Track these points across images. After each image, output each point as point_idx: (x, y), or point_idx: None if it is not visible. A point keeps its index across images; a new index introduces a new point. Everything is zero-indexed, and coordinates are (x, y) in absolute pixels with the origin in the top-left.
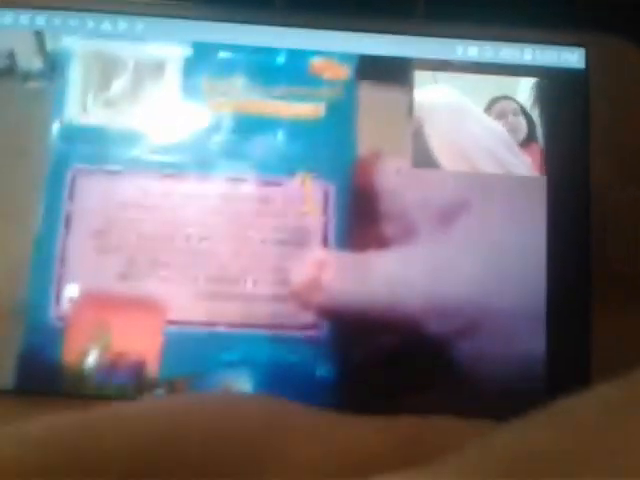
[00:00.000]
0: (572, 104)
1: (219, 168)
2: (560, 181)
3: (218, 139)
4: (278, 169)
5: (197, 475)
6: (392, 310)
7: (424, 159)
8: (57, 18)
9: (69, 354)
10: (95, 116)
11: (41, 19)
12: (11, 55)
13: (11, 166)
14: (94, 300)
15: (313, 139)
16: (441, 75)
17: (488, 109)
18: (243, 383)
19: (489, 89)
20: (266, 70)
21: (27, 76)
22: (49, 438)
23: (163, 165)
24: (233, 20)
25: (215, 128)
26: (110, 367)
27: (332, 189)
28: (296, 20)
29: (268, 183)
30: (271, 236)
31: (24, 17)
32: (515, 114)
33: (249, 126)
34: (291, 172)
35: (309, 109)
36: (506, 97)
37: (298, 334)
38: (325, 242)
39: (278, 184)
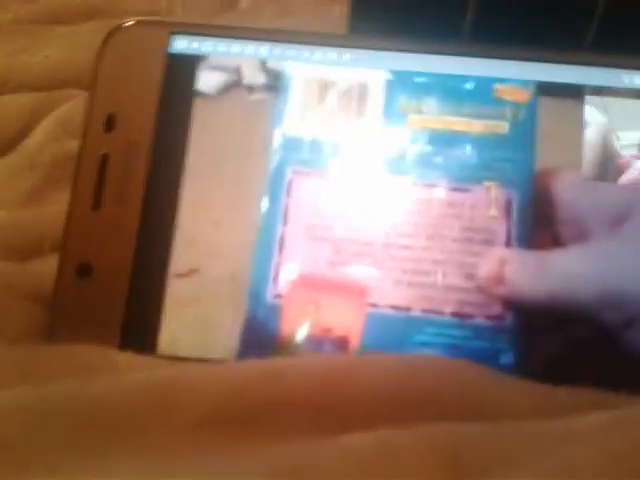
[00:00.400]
0: None
1: (416, 176)
2: None
3: (415, 151)
4: (467, 178)
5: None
6: (569, 302)
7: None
8: (278, 48)
9: (284, 328)
10: (310, 127)
11: (265, 50)
12: (238, 70)
13: (239, 164)
14: (306, 282)
15: (498, 152)
16: (608, 100)
17: None
18: None
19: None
20: (456, 93)
21: (251, 89)
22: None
23: (367, 171)
24: (426, 51)
25: (412, 141)
26: (318, 340)
27: (515, 196)
28: (479, 51)
29: (458, 189)
30: (460, 235)
31: (250, 47)
32: None
33: (442, 140)
34: (479, 181)
35: (494, 126)
36: None
37: (484, 322)
38: (508, 242)
39: (467, 190)
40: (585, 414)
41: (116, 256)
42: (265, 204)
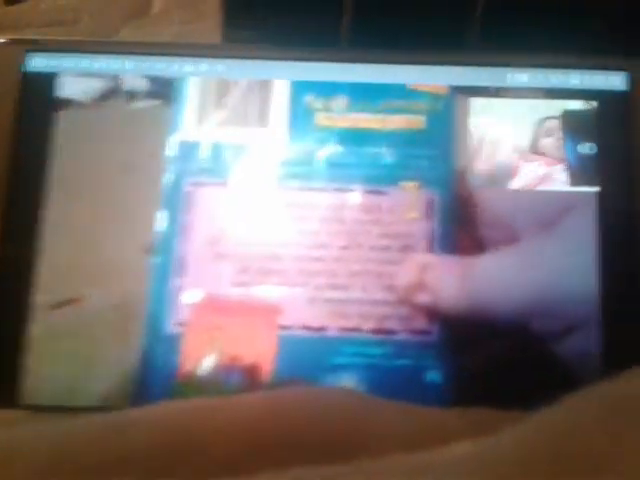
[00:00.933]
0: (617, 124)
1: (326, 180)
2: (609, 195)
3: (325, 153)
4: (383, 179)
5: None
6: (496, 311)
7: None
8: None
9: (188, 360)
10: (209, 134)
11: (118, 63)
12: (115, 78)
13: (121, 179)
14: (211, 306)
15: (415, 150)
16: (494, 101)
17: (538, 128)
18: (353, 386)
19: (539, 111)
20: (367, 89)
21: (131, 97)
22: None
23: (273, 178)
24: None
25: (322, 143)
26: (226, 370)
27: (436, 197)
28: (359, 56)
29: (374, 192)
30: (379, 243)
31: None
32: (564, 131)
33: (353, 140)
34: (395, 182)
35: (409, 121)
36: (555, 117)
37: (408, 338)
38: (430, 248)
39: (383, 193)
40: (462, 441)
41: None
42: (160, 221)
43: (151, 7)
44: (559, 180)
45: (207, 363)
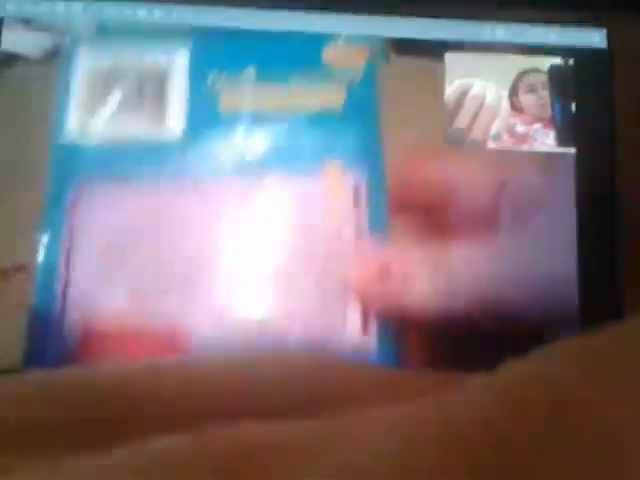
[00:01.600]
0: (595, 82)
1: (239, 171)
2: (588, 154)
3: (234, 140)
4: (304, 165)
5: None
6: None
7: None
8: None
9: None
10: (99, 129)
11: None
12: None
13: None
14: (100, 341)
15: (335, 130)
16: (470, 55)
17: (518, 81)
18: None
19: (517, 67)
20: (279, 58)
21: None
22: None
23: (174, 175)
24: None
25: (229, 129)
26: None
27: (363, 179)
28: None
29: (295, 179)
30: (303, 234)
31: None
32: (544, 87)
33: (266, 122)
34: (316, 166)
35: (327, 99)
36: (535, 70)
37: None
38: (359, 234)
39: (306, 179)
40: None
41: None
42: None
43: None
44: (539, 140)
45: None
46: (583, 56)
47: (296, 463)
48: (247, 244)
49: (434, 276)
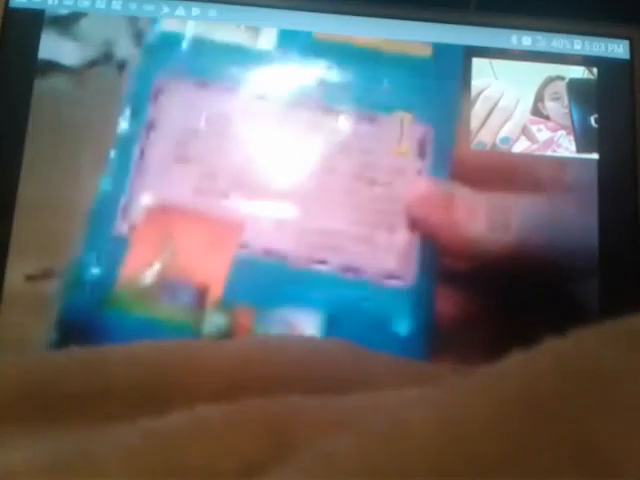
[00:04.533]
0: (618, 91)
1: (314, 99)
2: (610, 161)
3: (318, 68)
4: (377, 106)
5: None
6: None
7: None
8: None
9: (131, 268)
10: (190, 27)
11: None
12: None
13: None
14: (166, 211)
15: (417, 79)
16: (497, 62)
17: (544, 89)
18: (309, 323)
19: (541, 74)
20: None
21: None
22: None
23: (253, 86)
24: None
25: (317, 57)
26: (172, 284)
27: (430, 132)
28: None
29: (364, 118)
30: (361, 173)
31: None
32: (569, 94)
33: (352, 59)
34: (389, 110)
35: (416, 47)
36: (561, 78)
37: (379, 281)
38: (421, 176)
39: (374, 120)
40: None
41: None
42: (123, 121)
43: None
44: (562, 146)
45: (151, 274)
46: (606, 66)
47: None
48: (311, 164)
49: (487, 215)
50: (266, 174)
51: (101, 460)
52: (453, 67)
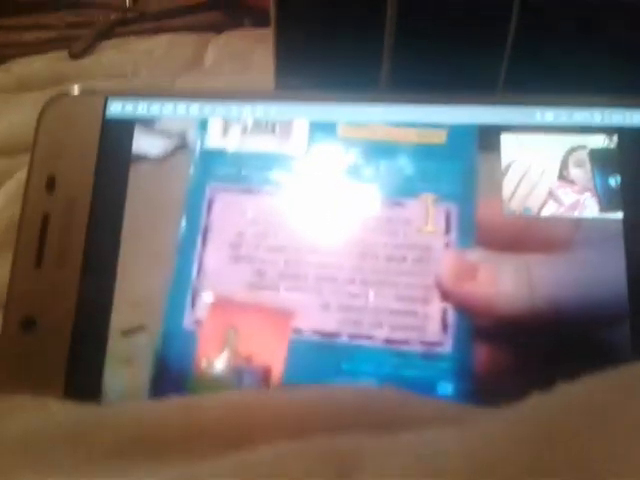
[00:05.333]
0: (638, 157)
1: (346, 189)
2: (633, 220)
3: (346, 163)
4: (403, 191)
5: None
6: (554, 310)
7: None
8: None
9: (201, 357)
10: (233, 141)
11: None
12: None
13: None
14: (226, 306)
15: (436, 163)
16: (523, 136)
17: (568, 157)
18: None
19: (564, 145)
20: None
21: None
22: None
23: (292, 184)
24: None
25: (343, 152)
26: (238, 369)
27: (454, 210)
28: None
29: (393, 203)
30: (395, 253)
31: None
32: (592, 162)
33: (376, 151)
34: (414, 194)
35: (431, 135)
36: (583, 147)
37: (421, 349)
38: (448, 248)
39: (402, 204)
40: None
41: (58, 311)
42: (183, 223)
43: (204, 60)
44: (588, 207)
45: (221, 361)
46: (625, 133)
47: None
48: (349, 250)
49: (515, 281)
50: (309, 264)
51: None
52: (468, 148)
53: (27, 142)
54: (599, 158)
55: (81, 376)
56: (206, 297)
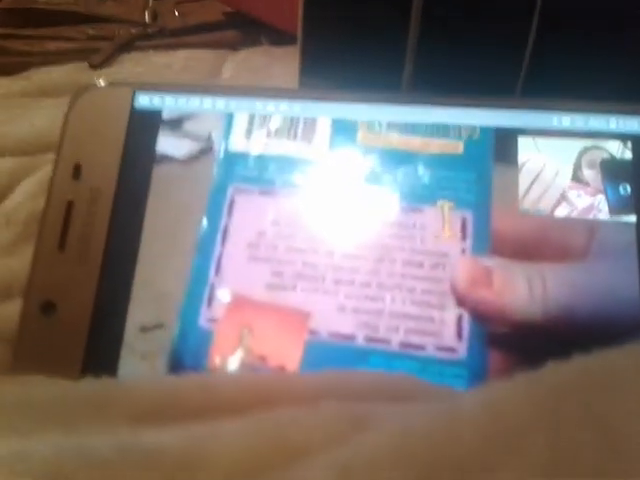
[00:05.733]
0: None
1: (364, 195)
2: None
3: (365, 169)
4: (420, 198)
5: None
6: (568, 318)
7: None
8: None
9: (216, 354)
10: (254, 144)
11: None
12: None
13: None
14: (242, 305)
15: (452, 172)
16: (539, 139)
17: (581, 157)
18: None
19: (579, 147)
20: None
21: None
22: None
23: (312, 188)
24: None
25: (362, 159)
26: (252, 369)
27: (470, 218)
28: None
29: (410, 210)
30: (412, 258)
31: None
32: (602, 168)
33: (394, 159)
34: (432, 201)
35: (449, 146)
36: (597, 147)
37: (435, 354)
38: (464, 255)
39: (419, 211)
40: None
41: (79, 295)
42: (204, 223)
43: (222, 74)
44: (603, 211)
45: (235, 360)
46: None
47: None
48: (366, 254)
49: (529, 289)
50: (327, 266)
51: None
52: (484, 157)
53: (48, 143)
54: (612, 165)
55: (98, 363)
56: (223, 295)
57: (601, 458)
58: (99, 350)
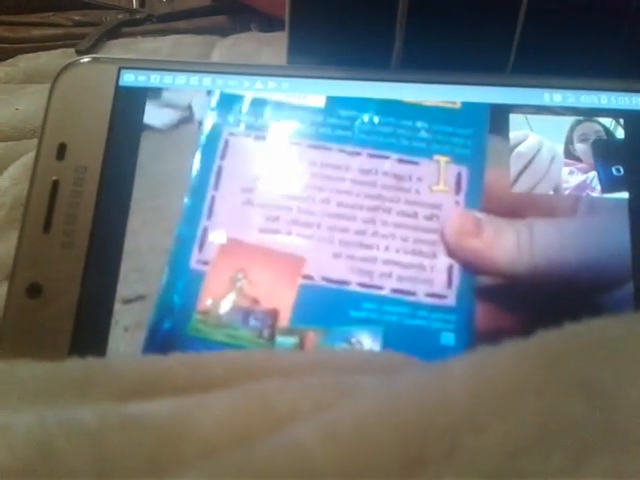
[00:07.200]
0: None
1: (362, 145)
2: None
3: (362, 120)
4: (417, 151)
5: None
6: (553, 271)
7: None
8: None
9: (208, 297)
10: (249, 90)
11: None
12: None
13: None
14: (235, 249)
15: (450, 126)
16: (531, 117)
17: (572, 131)
18: (369, 341)
19: (570, 122)
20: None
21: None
22: None
23: (310, 136)
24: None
25: (359, 109)
26: (244, 311)
27: (465, 173)
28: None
29: (406, 162)
30: (406, 209)
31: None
32: (598, 136)
33: (394, 110)
34: (429, 154)
35: (447, 101)
36: (588, 120)
37: (425, 300)
38: (457, 207)
39: (416, 163)
40: None
41: (65, 277)
42: (196, 166)
43: (210, 58)
44: (596, 189)
45: (227, 302)
46: (631, 117)
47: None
48: (362, 203)
49: (517, 241)
50: (322, 213)
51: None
52: (481, 119)
53: (34, 127)
54: (604, 142)
55: (85, 345)
56: (215, 238)
57: (591, 421)
58: (86, 332)
